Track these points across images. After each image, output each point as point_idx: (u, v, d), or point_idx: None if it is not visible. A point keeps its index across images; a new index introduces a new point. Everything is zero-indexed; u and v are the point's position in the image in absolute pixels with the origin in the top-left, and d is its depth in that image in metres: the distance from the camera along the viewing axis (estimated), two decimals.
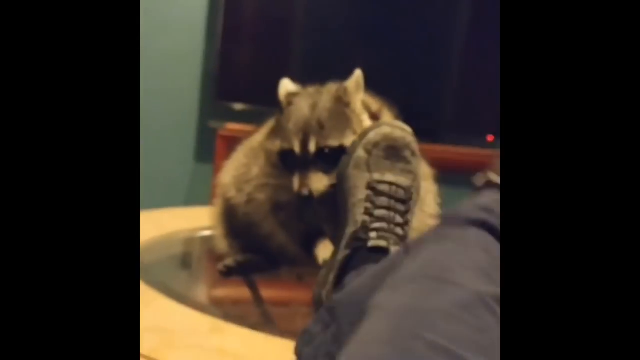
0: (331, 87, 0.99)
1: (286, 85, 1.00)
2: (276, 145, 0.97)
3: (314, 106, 0.95)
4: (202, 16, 2.52)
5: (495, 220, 0.59)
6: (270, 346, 0.77)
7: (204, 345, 0.75)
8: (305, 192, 0.89)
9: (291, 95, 0.99)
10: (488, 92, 0.75)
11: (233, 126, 2.26)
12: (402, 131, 0.84)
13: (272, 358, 0.73)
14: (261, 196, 1.02)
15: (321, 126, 0.92)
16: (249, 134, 1.19)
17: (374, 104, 1.01)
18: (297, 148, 0.93)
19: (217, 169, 2.04)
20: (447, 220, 0.63)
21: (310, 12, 2.55)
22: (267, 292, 1.07)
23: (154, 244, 1.19)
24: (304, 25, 2.56)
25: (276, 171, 0.99)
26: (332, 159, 0.90)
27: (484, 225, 0.59)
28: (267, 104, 1.19)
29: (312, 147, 0.92)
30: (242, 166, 1.09)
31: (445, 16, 2.63)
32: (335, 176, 0.87)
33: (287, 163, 0.95)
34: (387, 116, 0.99)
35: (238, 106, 2.45)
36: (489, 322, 0.49)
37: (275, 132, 0.98)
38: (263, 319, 0.99)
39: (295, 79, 1.06)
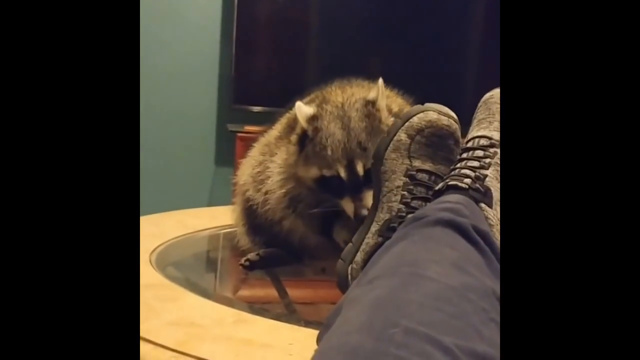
0: (354, 102, 0.97)
1: (302, 109, 0.98)
2: (313, 172, 0.97)
3: (346, 128, 0.95)
4: (218, 22, 2.55)
5: (459, 219, 0.61)
6: (295, 335, 0.77)
7: (230, 336, 0.76)
8: (364, 213, 0.88)
9: (313, 120, 0.97)
10: None
11: (251, 128, 2.28)
12: (448, 119, 0.80)
13: (298, 347, 0.73)
14: (278, 193, 1.03)
15: (363, 148, 0.93)
16: (262, 132, 1.20)
17: (394, 104, 1.01)
18: (343, 174, 0.94)
19: (237, 171, 2.05)
20: (415, 220, 0.64)
21: (324, 14, 2.56)
22: (291, 291, 1.08)
23: (178, 242, 1.21)
24: (318, 27, 2.57)
25: (292, 159, 1.00)
26: None
27: (449, 224, 0.60)
28: (283, 105, 1.20)
29: (360, 170, 0.93)
30: (258, 164, 1.10)
31: (461, 16, 2.63)
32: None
33: (328, 188, 0.96)
34: None
35: (255, 109, 2.47)
36: (464, 308, 0.50)
37: (307, 158, 0.97)
38: (287, 311, 0.99)
39: (310, 81, 1.07)
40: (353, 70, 1.12)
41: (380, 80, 0.99)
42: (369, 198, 0.87)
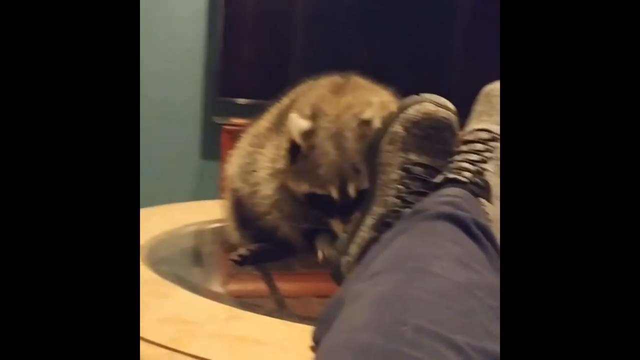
0: (349, 119, 0.95)
1: (297, 122, 0.96)
2: (304, 187, 0.96)
3: (340, 148, 0.93)
4: (203, 14, 2.52)
5: (460, 213, 0.60)
6: (289, 331, 0.77)
7: (223, 333, 0.75)
8: None
9: (308, 135, 0.95)
10: (492, 78, 0.76)
11: (238, 120, 2.27)
12: (446, 111, 0.78)
13: (291, 343, 0.72)
14: (266, 189, 1.02)
15: (357, 170, 0.92)
16: (251, 124, 1.19)
17: (392, 103, 0.99)
18: (335, 194, 0.93)
19: (224, 163, 2.04)
20: (415, 213, 0.63)
21: (310, 5, 2.55)
22: (280, 285, 1.07)
23: (166, 237, 1.20)
24: (304, 18, 2.55)
25: (281, 164, 0.99)
26: None
27: (450, 218, 0.60)
28: (270, 97, 1.19)
29: (352, 192, 0.92)
30: (247, 155, 1.09)
31: (448, 5, 2.63)
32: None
33: (318, 205, 0.95)
34: None
35: (241, 101, 2.45)
36: (472, 305, 0.49)
37: (299, 173, 0.96)
38: (279, 307, 0.99)
39: (297, 73, 1.06)
40: (340, 61, 1.11)
41: (376, 99, 0.96)
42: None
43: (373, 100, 0.95)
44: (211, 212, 1.33)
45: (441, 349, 0.43)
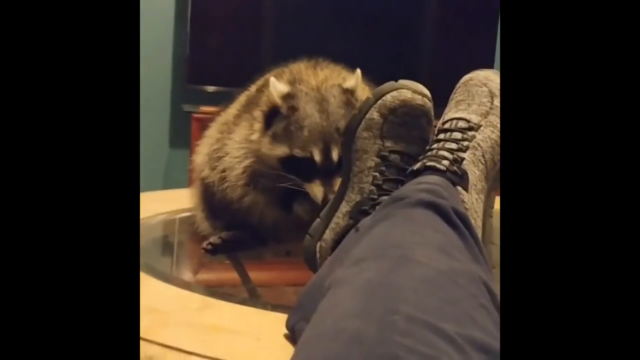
0: (330, 87, 0.96)
1: (277, 86, 0.96)
2: (281, 150, 0.95)
3: (324, 112, 0.93)
4: (171, 1, 2.48)
5: (440, 201, 0.60)
6: (262, 320, 0.76)
7: (196, 322, 0.74)
8: (332, 197, 0.86)
9: (288, 98, 0.95)
10: (460, 72, 0.77)
11: (207, 108, 2.25)
12: (422, 98, 0.78)
13: (265, 332, 0.72)
14: (237, 169, 1.01)
15: (341, 134, 0.90)
16: (219, 112, 1.18)
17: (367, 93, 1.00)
18: (318, 158, 0.92)
19: (193, 151, 2.02)
20: (394, 200, 0.63)
21: None
22: (252, 274, 1.07)
23: None
24: (273, 5, 2.54)
25: (255, 136, 0.98)
26: None
27: (430, 206, 0.60)
28: (238, 84, 1.18)
29: (335, 156, 0.92)
30: (215, 142, 1.07)
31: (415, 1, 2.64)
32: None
33: (296, 169, 0.94)
34: None
35: (210, 88, 2.42)
36: (456, 293, 0.49)
37: (276, 136, 0.95)
38: (251, 296, 0.98)
39: (265, 60, 1.05)
40: (308, 49, 1.11)
41: (358, 71, 0.98)
42: (338, 185, 0.85)
43: (349, 76, 0.96)
44: (181, 201, 1.32)
45: (433, 338, 0.43)
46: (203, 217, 1.14)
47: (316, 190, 0.92)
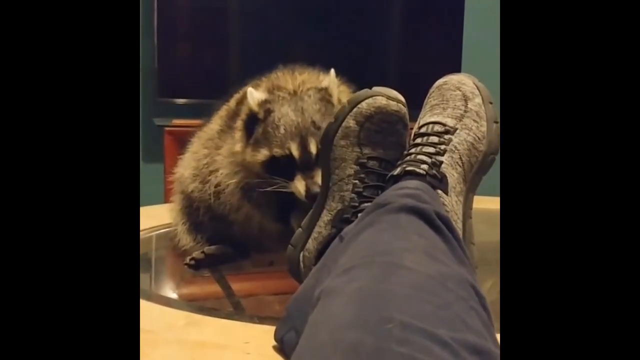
0: (306, 90, 0.97)
1: (254, 94, 0.97)
2: (262, 154, 0.95)
3: (298, 109, 0.94)
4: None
5: (422, 205, 0.61)
6: (249, 333, 0.76)
7: (183, 339, 0.74)
8: (316, 190, 0.87)
9: (265, 103, 0.96)
10: (428, 70, 0.77)
11: (180, 121, 2.23)
12: (397, 103, 0.79)
13: (254, 345, 0.72)
14: (231, 185, 1.01)
15: (317, 127, 0.92)
16: (199, 127, 1.17)
17: (344, 95, 1.00)
18: (296, 152, 0.92)
19: (168, 166, 1.99)
20: (377, 207, 0.63)
21: (245, 1, 2.52)
22: (234, 285, 1.07)
23: None
24: (239, 14, 2.53)
25: (238, 154, 0.98)
26: None
27: (413, 211, 0.60)
28: (209, 96, 1.18)
29: (313, 148, 0.92)
30: (203, 157, 1.07)
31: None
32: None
33: (278, 169, 0.94)
34: None
35: (180, 101, 2.41)
36: (447, 298, 0.50)
37: (257, 142, 0.95)
38: (236, 309, 0.98)
39: (234, 70, 1.05)
40: (277, 56, 1.12)
41: (332, 70, 0.99)
42: (320, 176, 0.85)
43: (330, 75, 0.98)
44: (156, 217, 1.30)
45: (428, 344, 0.43)
46: (185, 229, 1.13)
47: (298, 185, 0.92)
